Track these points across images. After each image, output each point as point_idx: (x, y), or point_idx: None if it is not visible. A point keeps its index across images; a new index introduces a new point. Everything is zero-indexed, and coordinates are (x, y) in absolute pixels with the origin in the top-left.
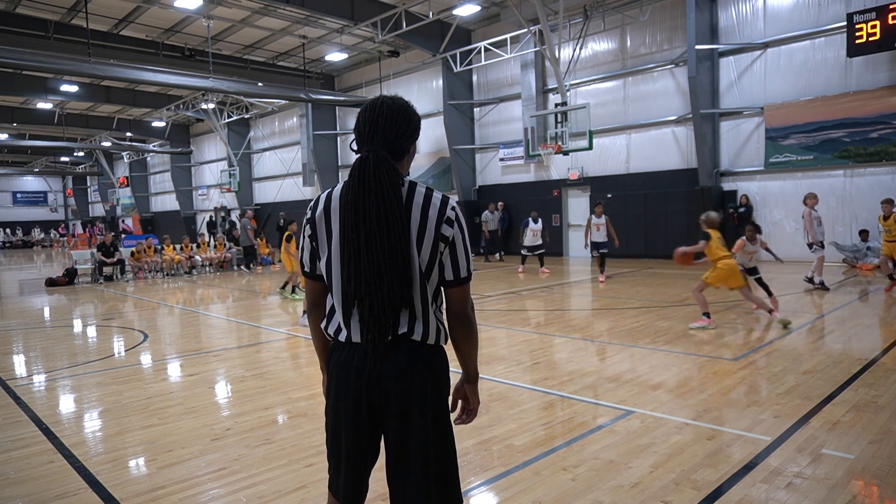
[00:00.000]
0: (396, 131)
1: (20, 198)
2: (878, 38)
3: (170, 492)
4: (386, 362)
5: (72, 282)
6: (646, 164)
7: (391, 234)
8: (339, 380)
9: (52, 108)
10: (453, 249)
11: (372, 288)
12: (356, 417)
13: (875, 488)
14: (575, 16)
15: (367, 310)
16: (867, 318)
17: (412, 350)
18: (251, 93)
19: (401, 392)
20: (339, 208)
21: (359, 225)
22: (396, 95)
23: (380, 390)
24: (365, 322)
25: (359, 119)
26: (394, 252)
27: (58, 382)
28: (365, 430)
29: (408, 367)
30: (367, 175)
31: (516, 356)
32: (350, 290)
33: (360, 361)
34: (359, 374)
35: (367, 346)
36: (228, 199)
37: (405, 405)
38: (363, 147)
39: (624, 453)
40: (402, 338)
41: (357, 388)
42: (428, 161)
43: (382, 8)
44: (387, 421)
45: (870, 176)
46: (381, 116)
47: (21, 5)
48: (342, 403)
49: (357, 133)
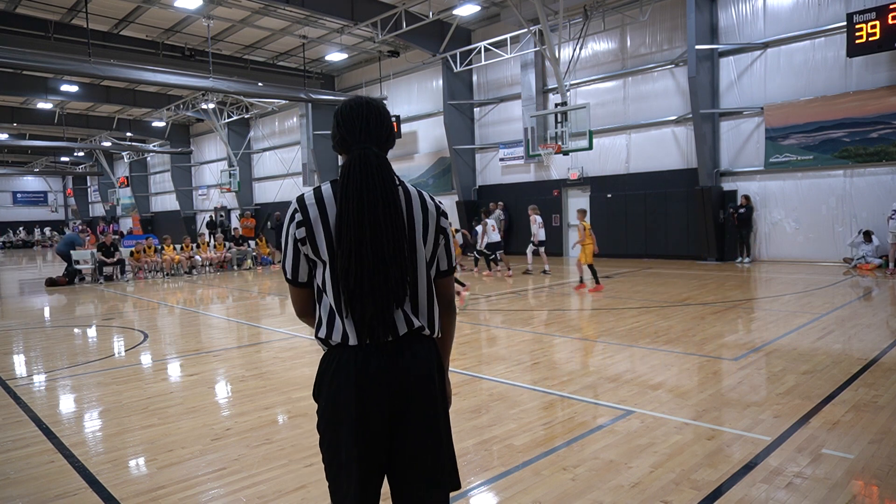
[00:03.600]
0: (387, 133)
1: (20, 198)
2: (877, 38)
3: (170, 492)
4: (405, 358)
5: (72, 282)
6: (646, 164)
7: (396, 226)
8: (345, 387)
9: (53, 108)
10: (448, 241)
11: (376, 283)
12: (373, 425)
13: (875, 488)
14: (575, 16)
15: (371, 307)
16: (867, 318)
17: (427, 344)
18: (251, 93)
19: (426, 389)
20: (340, 203)
21: (363, 220)
22: (373, 97)
23: (402, 390)
24: (368, 321)
25: (346, 117)
26: (399, 245)
27: (58, 382)
28: (380, 438)
29: (428, 363)
30: (371, 169)
31: (516, 356)
32: (351, 285)
33: (374, 363)
34: (373, 377)
35: (374, 345)
36: (228, 199)
37: (431, 400)
38: (355, 145)
39: (624, 453)
40: (416, 331)
41: (372, 392)
42: (428, 161)
43: (382, 8)
44: (410, 419)
45: (870, 176)
46: (373, 116)
47: (21, 5)
48: (351, 413)
49: (347, 131)
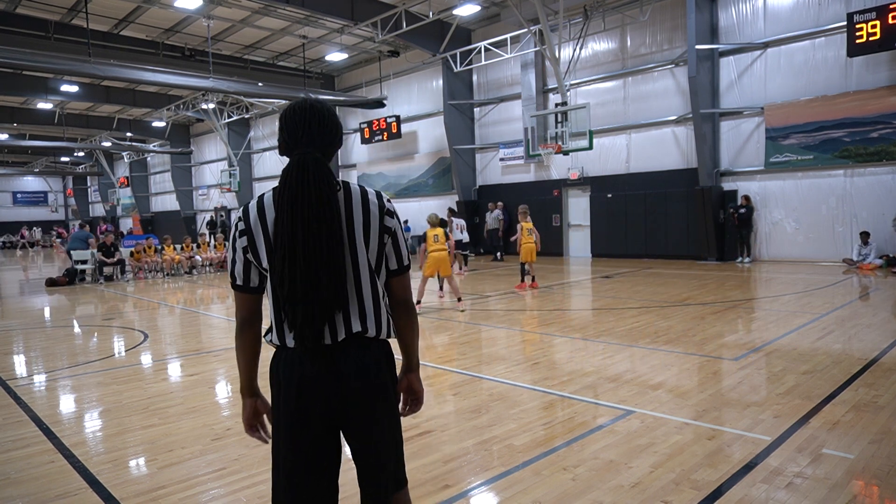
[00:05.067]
0: (330, 137)
1: (20, 198)
2: (878, 38)
3: (170, 492)
4: (341, 362)
5: (72, 282)
6: (646, 164)
7: (331, 235)
8: (285, 388)
9: (53, 109)
10: (395, 240)
11: (308, 290)
12: (311, 427)
13: (875, 488)
14: (575, 16)
15: (301, 314)
16: (867, 318)
17: (368, 346)
18: (251, 93)
19: (363, 390)
20: (276, 211)
21: (296, 226)
22: (319, 100)
23: (339, 394)
24: (298, 327)
25: (289, 121)
26: (333, 252)
27: (58, 382)
28: (322, 440)
29: (369, 365)
30: (308, 176)
31: (516, 356)
32: (284, 293)
33: (310, 367)
34: (310, 380)
35: (305, 350)
36: (229, 199)
37: (369, 402)
38: (295, 149)
39: (624, 453)
40: (356, 335)
41: (309, 394)
42: (428, 161)
43: (382, 8)
44: (350, 422)
45: (870, 176)
46: (315, 120)
47: (21, 5)
48: (290, 412)
49: (289, 135)
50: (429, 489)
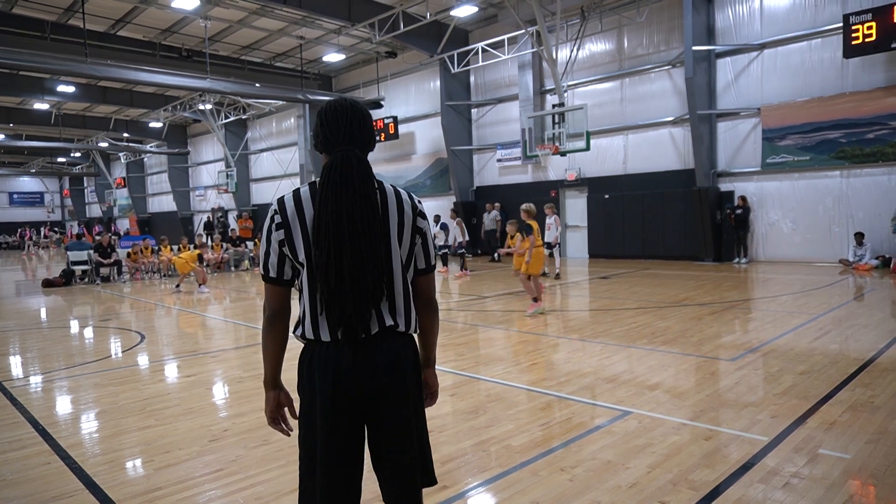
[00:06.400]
0: (369, 136)
1: (17, 198)
2: (874, 40)
3: (167, 493)
4: (376, 355)
5: (69, 283)
6: (643, 165)
7: (373, 230)
8: (321, 382)
9: (49, 109)
10: (425, 240)
11: (355, 283)
12: (345, 420)
13: (872, 488)
14: (572, 17)
15: (351, 305)
16: (864, 319)
17: (399, 341)
18: (248, 93)
19: (395, 383)
20: (319, 207)
21: (341, 221)
22: (356, 99)
23: (373, 386)
24: (346, 319)
25: (330, 119)
26: (376, 247)
27: (55, 384)
28: (354, 434)
29: (398, 358)
30: (353, 172)
31: (514, 357)
32: (332, 286)
33: (345, 359)
34: (345, 372)
35: (349, 342)
36: (226, 199)
37: (400, 396)
38: (338, 147)
39: (621, 454)
40: (389, 329)
41: (344, 387)
42: (425, 162)
43: (380, 9)
44: (382, 414)
45: (866, 177)
46: (356, 120)
47: (17, 5)
48: (326, 407)
49: (331, 132)
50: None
